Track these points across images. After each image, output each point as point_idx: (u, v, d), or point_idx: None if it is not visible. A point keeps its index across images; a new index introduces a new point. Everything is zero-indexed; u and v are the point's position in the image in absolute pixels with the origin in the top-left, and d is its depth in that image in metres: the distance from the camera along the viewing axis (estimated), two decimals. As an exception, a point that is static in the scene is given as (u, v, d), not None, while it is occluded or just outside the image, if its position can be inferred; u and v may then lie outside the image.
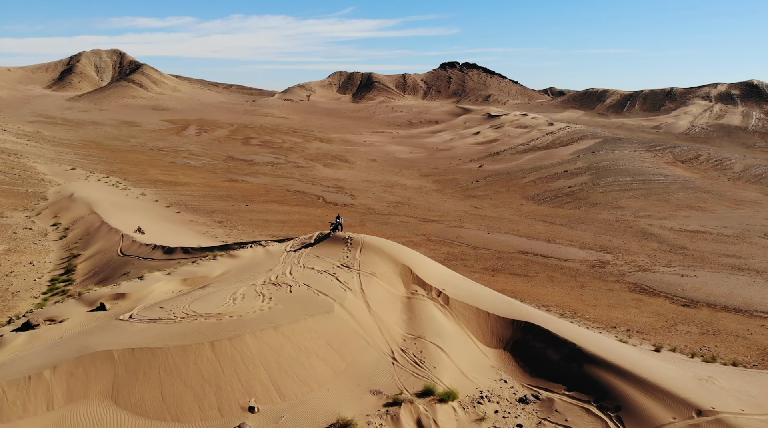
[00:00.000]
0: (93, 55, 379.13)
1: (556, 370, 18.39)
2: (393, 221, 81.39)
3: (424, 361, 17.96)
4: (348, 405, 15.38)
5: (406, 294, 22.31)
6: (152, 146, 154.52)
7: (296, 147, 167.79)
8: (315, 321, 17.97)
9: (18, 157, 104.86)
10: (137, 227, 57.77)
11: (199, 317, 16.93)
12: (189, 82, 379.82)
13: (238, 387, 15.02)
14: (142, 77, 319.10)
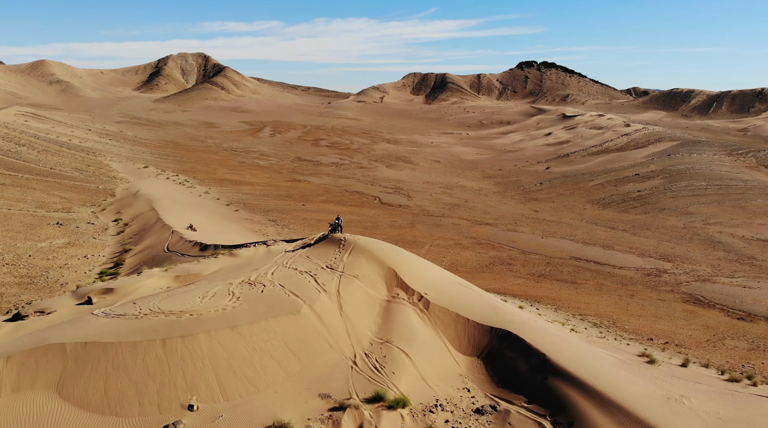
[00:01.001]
0: (179, 58, 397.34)
1: (522, 381, 17.68)
2: (445, 223, 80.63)
3: (384, 366, 17.68)
4: (291, 408, 15.36)
5: (387, 298, 22.06)
6: (226, 147, 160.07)
7: (363, 148, 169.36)
8: (277, 321, 18.05)
9: (96, 155, 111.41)
10: (189, 224, 59.96)
11: (161, 315, 17.41)
12: (269, 84, 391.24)
13: (182, 385, 15.31)
14: (224, 80, 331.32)
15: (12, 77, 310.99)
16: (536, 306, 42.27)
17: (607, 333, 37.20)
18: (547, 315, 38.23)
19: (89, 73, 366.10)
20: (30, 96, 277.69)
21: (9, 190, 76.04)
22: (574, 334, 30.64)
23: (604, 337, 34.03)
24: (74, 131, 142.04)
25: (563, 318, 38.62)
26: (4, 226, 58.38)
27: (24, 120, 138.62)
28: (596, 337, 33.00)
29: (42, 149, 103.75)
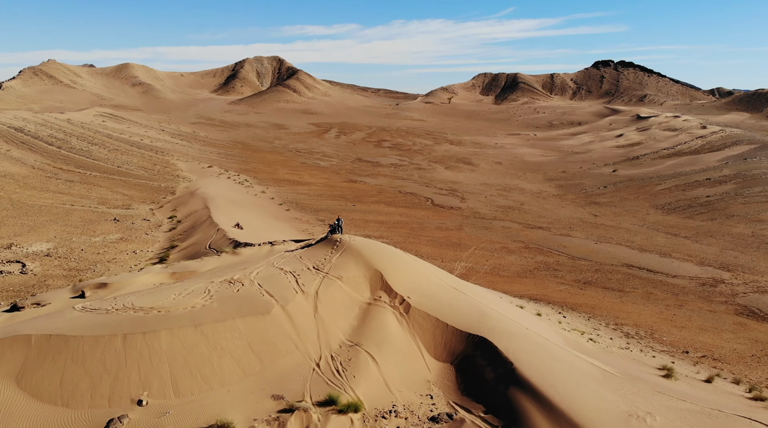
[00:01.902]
0: (255, 61, 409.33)
1: (486, 389, 17.07)
2: (494, 226, 79.21)
3: (346, 370, 17.48)
4: (241, 408, 15.43)
5: (368, 300, 21.79)
6: (291, 148, 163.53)
7: (424, 149, 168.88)
8: (243, 321, 18.20)
9: (163, 154, 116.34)
10: (236, 223, 61.58)
11: (130, 310, 17.91)
12: (340, 87, 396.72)
13: (136, 380, 15.67)
14: (296, 83, 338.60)
15: (98, 80, 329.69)
16: (565, 314, 40.81)
17: (636, 344, 35.47)
18: (574, 323, 36.84)
19: (170, 76, 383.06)
20: (114, 97, 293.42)
21: (76, 187, 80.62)
22: (591, 344, 29.37)
23: (628, 348, 32.42)
24: (148, 132, 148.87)
25: (591, 327, 37.10)
26: (64, 221, 61.91)
27: (102, 120, 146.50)
28: (618, 348, 31.50)
29: (113, 148, 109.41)
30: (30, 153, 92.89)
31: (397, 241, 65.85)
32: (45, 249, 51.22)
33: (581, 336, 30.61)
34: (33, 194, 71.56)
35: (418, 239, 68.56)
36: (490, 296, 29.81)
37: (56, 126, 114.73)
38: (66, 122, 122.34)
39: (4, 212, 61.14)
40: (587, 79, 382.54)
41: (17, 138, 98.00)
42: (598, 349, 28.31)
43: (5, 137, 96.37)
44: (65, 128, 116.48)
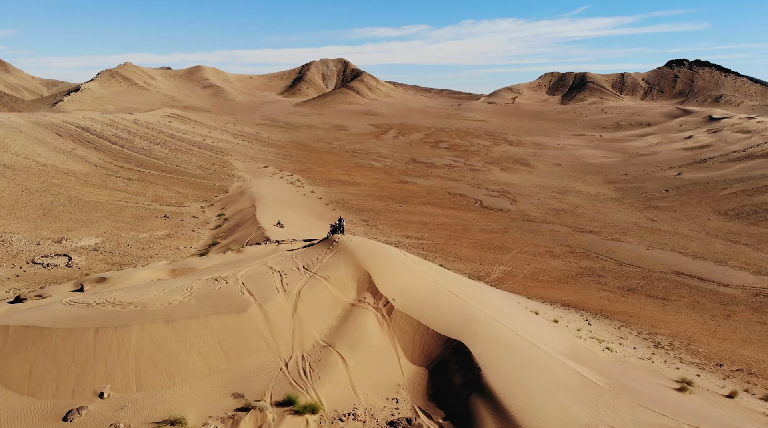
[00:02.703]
0: (321, 64, 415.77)
1: (451, 395, 16.67)
2: (542, 229, 77.34)
3: (313, 370, 17.43)
4: (199, 404, 15.66)
5: (352, 301, 21.62)
6: (349, 149, 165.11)
7: (482, 150, 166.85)
8: (217, 319, 18.44)
9: (222, 154, 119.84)
10: (277, 221, 62.72)
11: (109, 305, 18.50)
12: (403, 88, 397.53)
13: (101, 373, 16.15)
14: (359, 84, 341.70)
15: (171, 82, 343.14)
16: (594, 321, 39.41)
17: (664, 354, 33.84)
18: (599, 331, 35.53)
19: (239, 78, 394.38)
20: (185, 99, 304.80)
21: (134, 184, 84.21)
22: (605, 353, 28.24)
23: (650, 359, 30.94)
24: (211, 132, 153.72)
25: (617, 336, 35.66)
26: (116, 217, 64.80)
27: (168, 121, 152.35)
28: (637, 358, 30.13)
29: (174, 148, 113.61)
30: (94, 152, 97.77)
31: (437, 243, 65.42)
32: (93, 244, 53.71)
33: (597, 345, 29.47)
34: (91, 191, 75.27)
35: (459, 241, 67.81)
36: (498, 300, 29.10)
37: (122, 126, 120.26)
38: (132, 123, 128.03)
39: (61, 207, 64.60)
40: (660, 79, 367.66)
41: (83, 137, 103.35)
42: (611, 359, 27.18)
43: (72, 136, 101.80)
44: (130, 127, 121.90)
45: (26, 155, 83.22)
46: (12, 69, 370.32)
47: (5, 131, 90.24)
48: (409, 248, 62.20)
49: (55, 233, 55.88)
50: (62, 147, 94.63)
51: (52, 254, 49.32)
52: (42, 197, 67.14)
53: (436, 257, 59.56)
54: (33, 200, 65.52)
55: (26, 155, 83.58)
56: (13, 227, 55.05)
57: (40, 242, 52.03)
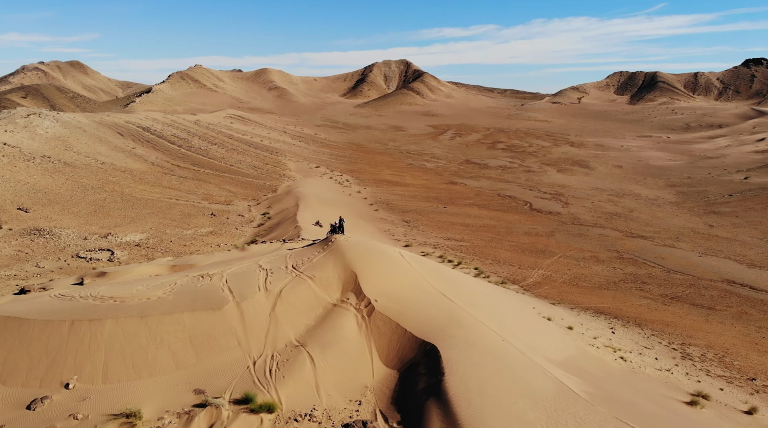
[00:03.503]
0: (384, 65, 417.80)
1: (412, 399, 16.32)
2: (591, 233, 74.96)
3: (279, 370, 17.44)
4: (159, 399, 15.98)
5: (335, 301, 21.49)
6: (403, 149, 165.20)
7: (540, 151, 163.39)
8: (192, 315, 18.73)
9: (277, 155, 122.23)
10: (316, 221, 63.46)
11: (90, 299, 19.12)
12: (465, 88, 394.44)
13: (70, 365, 16.72)
14: (420, 85, 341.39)
15: (239, 84, 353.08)
16: (623, 329, 37.89)
17: (689, 366, 32.16)
18: (621, 340, 34.14)
19: (304, 80, 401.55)
20: (251, 101, 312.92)
21: (187, 183, 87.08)
22: (617, 363, 27.11)
23: (669, 370, 29.45)
24: (270, 133, 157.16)
25: (642, 346, 34.17)
26: (165, 214, 67.20)
27: (230, 122, 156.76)
28: (654, 369, 28.75)
29: (230, 148, 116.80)
30: (153, 151, 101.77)
31: (477, 245, 64.53)
32: (137, 240, 55.87)
33: (611, 354, 28.32)
34: (145, 189, 78.38)
35: (500, 243, 66.63)
36: (500, 304, 28.35)
37: (182, 126, 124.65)
38: (193, 123, 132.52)
39: (113, 204, 67.57)
40: (735, 79, 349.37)
41: (143, 137, 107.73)
42: (621, 369, 26.06)
43: (133, 136, 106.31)
44: (190, 128, 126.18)
45: (87, 154, 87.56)
46: (90, 71, 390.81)
47: (70, 130, 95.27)
48: (447, 249, 61.68)
49: (103, 228, 58.47)
50: (122, 146, 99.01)
51: (96, 248, 51.58)
52: (96, 194, 70.45)
53: (473, 260, 58.79)
54: (87, 196, 68.84)
55: (87, 153, 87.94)
56: (64, 222, 57.99)
57: (87, 237, 54.54)
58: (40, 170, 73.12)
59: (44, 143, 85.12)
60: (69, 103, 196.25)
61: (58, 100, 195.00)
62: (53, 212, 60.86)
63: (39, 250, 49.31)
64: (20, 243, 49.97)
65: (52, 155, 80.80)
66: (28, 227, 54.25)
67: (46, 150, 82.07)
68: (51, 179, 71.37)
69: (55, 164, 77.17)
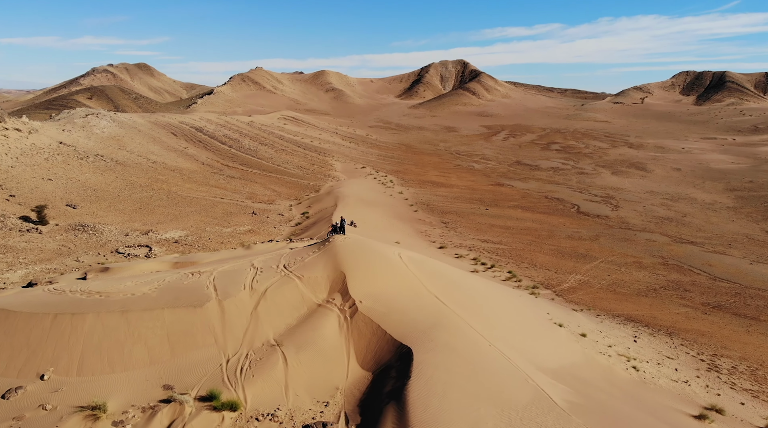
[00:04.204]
0: (440, 65, 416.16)
1: (375, 402, 16.12)
2: (638, 238, 72.42)
3: (250, 368, 17.51)
4: (128, 392, 16.32)
5: (320, 302, 21.38)
6: (453, 150, 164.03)
7: (596, 153, 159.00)
8: (172, 312, 19.03)
9: (325, 155, 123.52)
10: (351, 221, 63.72)
11: (78, 293, 19.72)
12: (524, 88, 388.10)
13: (48, 356, 17.27)
14: (476, 85, 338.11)
15: (297, 86, 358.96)
16: (649, 338, 36.41)
17: (712, 379, 30.58)
18: (643, 349, 32.79)
19: (360, 82, 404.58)
20: (308, 102, 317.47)
21: (234, 182, 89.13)
22: (627, 372, 26.07)
23: (687, 382, 28.08)
24: (321, 134, 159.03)
25: (664, 356, 32.75)
26: (207, 212, 68.96)
27: (283, 123, 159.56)
28: (670, 380, 27.48)
29: (279, 149, 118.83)
30: (204, 151, 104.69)
31: (514, 248, 63.37)
32: (176, 236, 57.54)
33: (623, 363, 27.24)
34: (191, 187, 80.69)
35: (539, 247, 65.18)
36: (502, 308, 27.63)
37: (234, 127, 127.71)
38: (246, 124, 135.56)
39: (158, 201, 69.86)
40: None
41: (196, 137, 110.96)
42: (628, 379, 25.03)
43: (186, 136, 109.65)
44: (242, 129, 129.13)
45: (139, 153, 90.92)
46: (156, 73, 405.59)
47: (125, 130, 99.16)
48: (483, 252, 60.87)
49: (145, 225, 60.49)
50: (175, 146, 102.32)
51: (135, 244, 53.39)
52: (143, 192, 73.02)
53: (508, 263, 57.84)
54: (134, 194, 71.45)
55: (140, 152, 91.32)
56: (108, 219, 60.35)
57: (128, 233, 56.57)
58: (92, 168, 76.44)
59: (99, 142, 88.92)
60: (131, 104, 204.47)
61: (121, 101, 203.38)
62: (99, 208, 63.47)
63: (81, 245, 51.44)
64: (64, 238, 52.31)
65: (105, 153, 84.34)
66: (73, 222, 56.74)
67: (100, 149, 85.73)
68: (101, 177, 74.49)
69: (107, 163, 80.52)
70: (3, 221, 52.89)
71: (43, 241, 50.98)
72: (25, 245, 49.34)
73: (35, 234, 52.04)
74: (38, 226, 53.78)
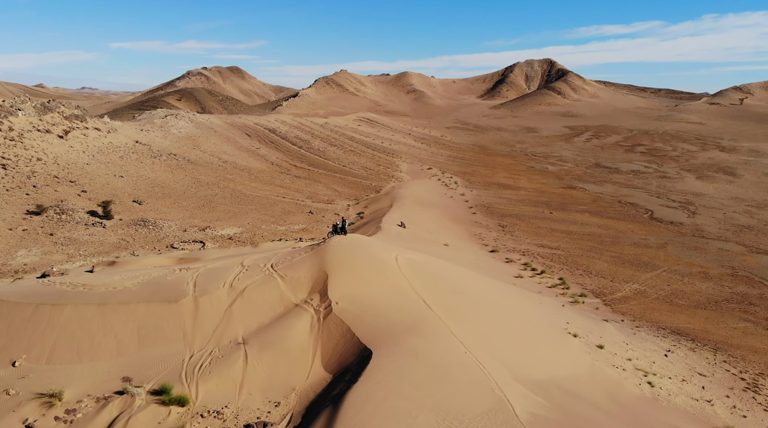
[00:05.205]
0: (526, 65, 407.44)
1: (319, 404, 15.87)
2: (710, 247, 67.93)
3: (209, 365, 17.65)
4: (88, 382, 16.86)
5: (298, 301, 21.22)
6: (529, 152, 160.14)
7: (683, 156, 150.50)
8: (146, 306, 19.48)
9: (392, 156, 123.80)
10: (400, 222, 63.65)
11: (65, 285, 20.62)
12: (615, 88, 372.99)
13: (23, 344, 18.10)
14: (562, 85, 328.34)
15: (378, 88, 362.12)
16: (692, 353, 33.97)
17: (747, 400, 28.13)
18: (677, 365, 30.65)
19: (442, 83, 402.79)
20: (388, 104, 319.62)
21: (298, 182, 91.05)
22: (639, 387, 24.45)
23: (710, 401, 26.00)
24: (394, 135, 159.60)
25: (696, 372, 30.48)
26: (266, 210, 70.80)
27: (357, 125, 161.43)
28: (691, 398, 25.57)
29: (348, 150, 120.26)
30: (275, 151, 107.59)
31: (572, 254, 61.03)
32: (231, 233, 59.45)
33: (639, 377, 25.57)
34: (256, 186, 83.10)
35: (600, 254, 62.35)
36: (508, 315, 26.45)
37: (307, 129, 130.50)
38: (319, 126, 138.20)
39: (222, 199, 72.42)
40: None
41: (268, 138, 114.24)
42: (635, 394, 23.46)
43: (259, 137, 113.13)
44: (315, 130, 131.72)
45: (212, 152, 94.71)
46: (247, 76, 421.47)
47: (202, 130, 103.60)
48: (536, 257, 59.08)
49: (204, 221, 62.89)
50: (248, 146, 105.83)
51: (191, 240, 55.58)
52: (208, 190, 75.97)
53: (560, 270, 55.88)
54: (199, 191, 74.46)
55: (212, 152, 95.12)
56: (171, 215, 63.21)
57: (186, 229, 59.00)
58: (163, 167, 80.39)
59: (174, 142, 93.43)
60: (217, 105, 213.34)
61: (208, 102, 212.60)
62: (164, 205, 66.62)
63: (139, 239, 54.18)
64: (125, 233, 55.29)
65: (179, 152, 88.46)
66: (136, 218, 59.87)
67: (175, 148, 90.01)
68: (171, 175, 78.18)
69: (178, 161, 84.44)
70: (71, 215, 56.55)
71: (105, 235, 54.10)
72: (87, 238, 52.54)
73: (99, 228, 55.28)
74: (103, 220, 57.11)
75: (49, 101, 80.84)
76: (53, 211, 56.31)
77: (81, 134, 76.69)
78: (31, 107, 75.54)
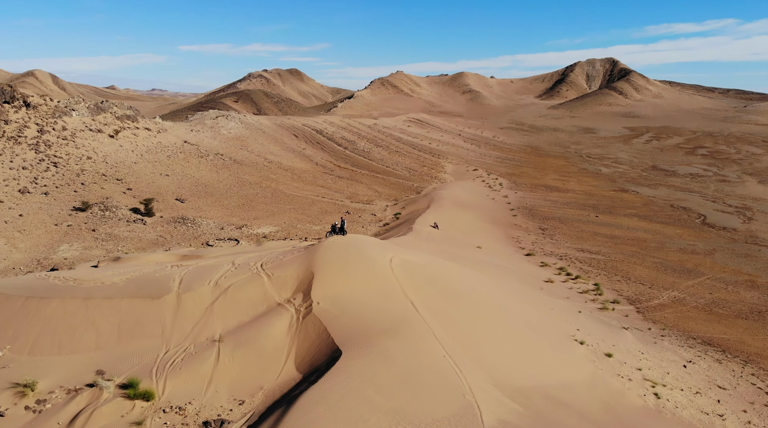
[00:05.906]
0: (587, 64, 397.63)
1: (280, 404, 15.88)
2: (761, 254, 64.64)
3: (180, 361, 17.81)
4: (61, 374, 17.25)
5: (281, 301, 21.16)
6: (584, 153, 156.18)
7: (747, 159, 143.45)
8: (130, 302, 19.85)
9: (438, 157, 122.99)
10: (434, 223, 63.21)
11: (58, 279, 21.30)
12: (680, 88, 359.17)
13: (10, 335, 18.68)
14: (624, 85, 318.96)
15: (434, 88, 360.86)
16: (717, 365, 32.36)
17: (761, 410, 26.35)
18: (696, 377, 29.17)
19: (500, 83, 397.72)
20: (443, 104, 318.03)
21: (340, 182, 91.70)
22: (644, 398, 23.42)
23: (722, 415, 24.63)
24: (443, 136, 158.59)
25: (717, 384, 28.89)
26: (304, 210, 71.60)
27: (407, 125, 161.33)
28: (700, 412, 24.30)
29: (393, 150, 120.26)
30: (320, 152, 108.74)
31: (612, 259, 59.15)
32: (267, 232, 60.42)
33: (646, 388, 24.47)
34: (298, 186, 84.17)
35: (641, 259, 60.13)
36: (507, 321, 25.67)
37: (354, 130, 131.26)
38: (367, 127, 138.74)
39: (262, 198, 73.69)
40: None
41: (315, 139, 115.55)
42: (638, 406, 22.43)
43: (306, 138, 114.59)
44: (362, 131, 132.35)
45: (259, 153, 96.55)
46: (305, 78, 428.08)
47: (251, 131, 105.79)
48: (574, 261, 57.59)
49: (242, 220, 64.15)
50: (294, 146, 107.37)
51: (226, 238, 56.79)
52: (250, 189, 77.47)
53: (598, 275, 54.37)
54: (241, 191, 76.03)
55: (259, 152, 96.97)
56: (210, 213, 64.80)
57: (224, 227, 60.34)
58: (209, 166, 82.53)
59: (223, 142, 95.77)
60: (273, 107, 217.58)
61: (264, 104, 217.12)
62: (205, 203, 68.37)
63: (177, 236, 55.75)
64: (164, 229, 57.02)
65: (225, 153, 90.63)
66: (177, 215, 61.64)
67: (222, 148, 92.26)
68: (215, 174, 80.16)
69: (224, 161, 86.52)
70: (115, 212, 58.77)
71: (144, 231, 55.96)
72: (127, 235, 54.47)
73: (140, 225, 57.23)
74: (144, 217, 59.11)
75: (102, 102, 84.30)
76: (98, 208, 58.63)
77: (131, 133, 79.70)
78: (85, 107, 78.99)
